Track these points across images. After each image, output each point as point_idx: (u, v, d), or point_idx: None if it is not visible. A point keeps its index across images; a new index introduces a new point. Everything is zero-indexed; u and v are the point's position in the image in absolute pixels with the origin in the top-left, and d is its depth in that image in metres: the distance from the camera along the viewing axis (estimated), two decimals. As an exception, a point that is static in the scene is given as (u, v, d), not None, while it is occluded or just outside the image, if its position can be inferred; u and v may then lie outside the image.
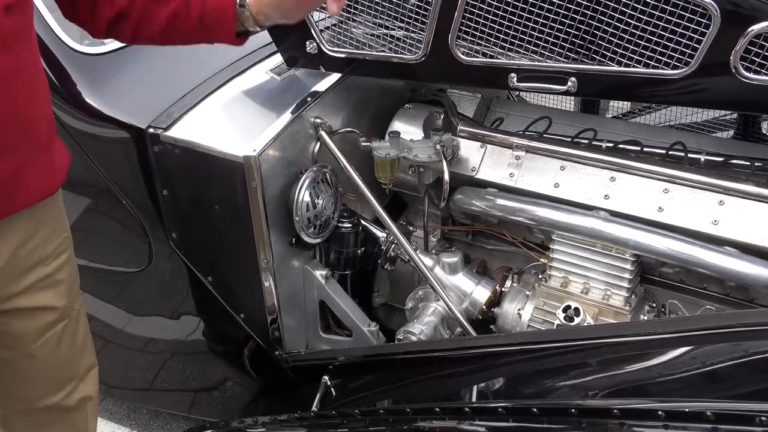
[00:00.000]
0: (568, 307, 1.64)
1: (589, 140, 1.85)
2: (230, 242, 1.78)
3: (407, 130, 1.92)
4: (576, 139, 1.88)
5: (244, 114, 1.79)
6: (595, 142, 1.85)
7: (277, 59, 1.93)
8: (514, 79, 1.60)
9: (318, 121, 1.78)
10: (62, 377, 1.44)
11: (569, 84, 1.56)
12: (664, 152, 1.80)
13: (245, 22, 1.45)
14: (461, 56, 1.62)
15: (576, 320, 1.62)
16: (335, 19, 1.78)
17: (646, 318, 1.69)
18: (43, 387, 1.42)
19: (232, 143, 1.65)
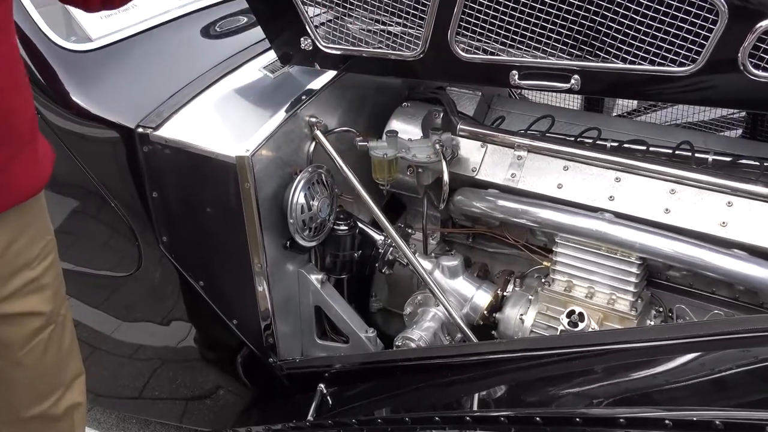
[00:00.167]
0: (572, 312, 1.65)
1: (594, 139, 1.86)
2: (222, 246, 1.78)
3: (405, 130, 1.92)
4: (580, 139, 1.88)
5: (237, 113, 1.79)
6: (600, 142, 1.86)
7: (271, 56, 1.93)
8: (516, 77, 1.61)
9: (313, 120, 1.77)
10: (49, 385, 1.44)
11: (572, 82, 1.56)
12: (671, 152, 1.81)
13: None
14: (461, 53, 1.62)
15: (580, 326, 1.62)
16: (331, 15, 1.78)
17: (653, 323, 1.70)
18: (30, 396, 1.41)
19: (225, 143, 1.65)
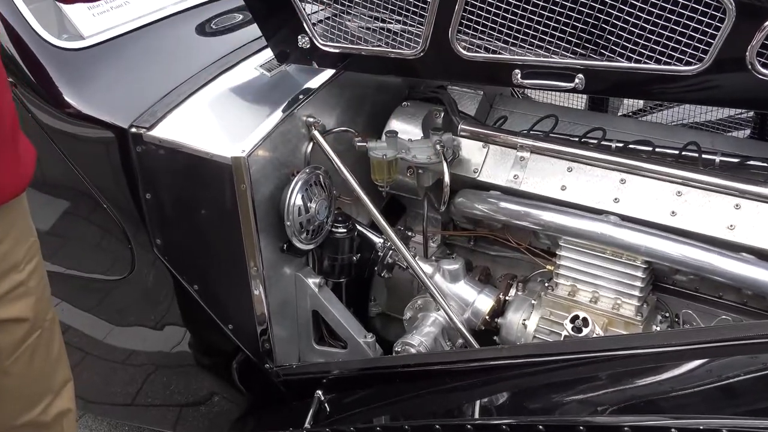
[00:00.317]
0: (576, 317, 1.65)
1: (598, 140, 1.86)
2: (218, 248, 1.78)
3: (405, 130, 1.92)
4: (584, 139, 1.88)
5: (233, 112, 1.79)
6: (605, 142, 1.86)
7: (267, 54, 1.94)
8: (519, 76, 1.61)
9: (311, 120, 1.78)
10: (37, 392, 1.44)
11: (577, 81, 1.56)
12: (677, 153, 1.81)
13: None
14: (462, 51, 1.63)
15: (584, 331, 1.62)
16: (329, 12, 1.78)
17: (659, 329, 1.70)
18: (18, 404, 1.41)
19: (220, 143, 1.65)
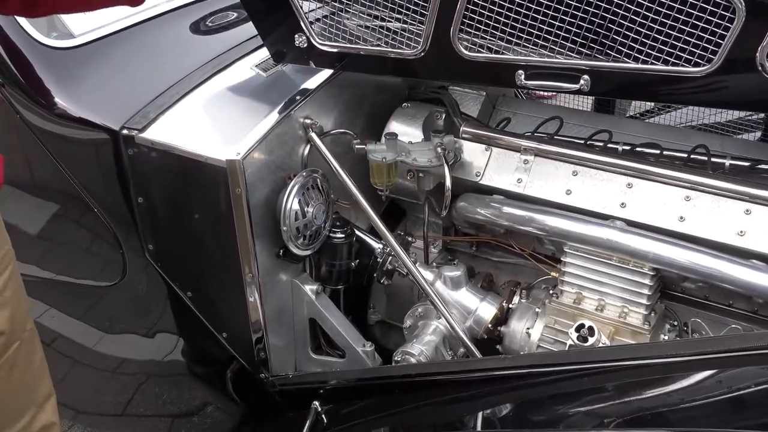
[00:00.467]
0: (582, 326, 1.64)
1: (604, 143, 1.86)
2: (212, 254, 1.78)
3: (405, 132, 1.92)
4: (590, 142, 1.88)
5: (227, 114, 1.79)
6: (611, 145, 1.85)
7: (263, 54, 1.94)
8: (522, 77, 1.61)
9: (308, 122, 1.78)
10: (20, 406, 1.43)
11: (582, 82, 1.56)
12: (686, 156, 1.81)
13: None
14: (464, 51, 1.62)
15: (590, 340, 1.62)
16: (327, 10, 1.78)
17: (667, 338, 1.70)
18: (1, 418, 1.40)
19: (214, 146, 1.65)
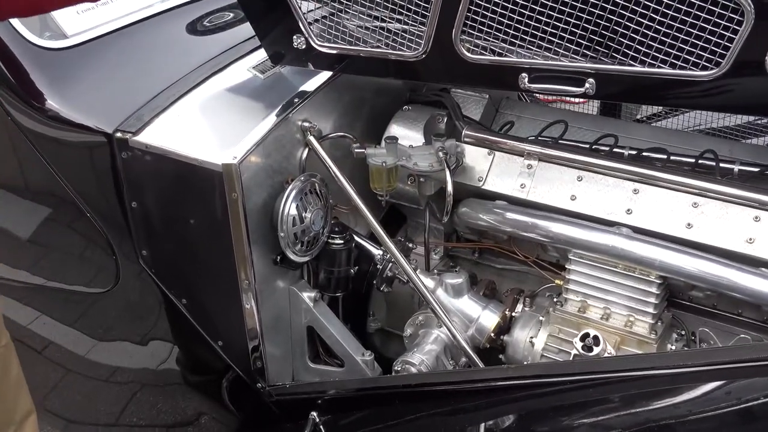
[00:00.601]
0: (587, 335, 1.64)
1: (610, 147, 1.86)
2: (207, 260, 1.78)
3: (406, 135, 1.92)
4: (595, 146, 1.88)
5: (224, 117, 1.79)
6: (617, 150, 1.86)
7: (261, 55, 1.94)
8: (526, 80, 1.61)
9: (306, 125, 1.78)
10: None
11: (587, 86, 1.56)
12: (694, 161, 1.81)
13: None
14: (466, 53, 1.63)
15: (595, 350, 1.62)
16: (326, 11, 1.78)
17: (674, 348, 1.69)
18: None
19: (210, 149, 1.65)
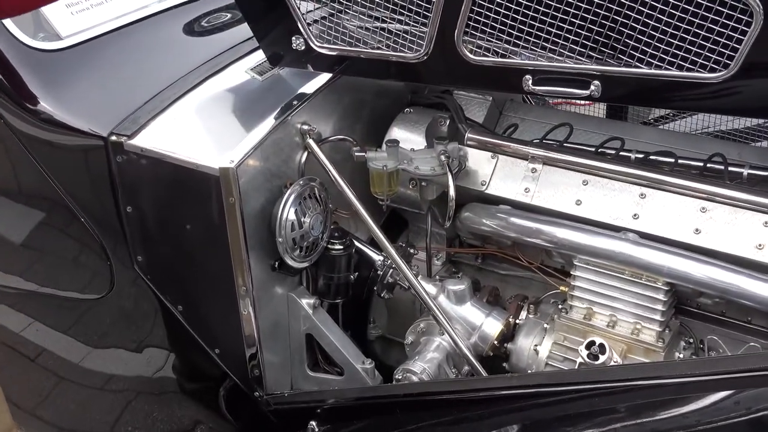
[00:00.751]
0: (592, 343, 1.64)
1: (617, 150, 1.86)
2: (204, 266, 1.78)
3: (407, 138, 1.93)
4: (601, 150, 1.89)
5: (221, 120, 1.80)
6: (623, 153, 1.86)
7: (259, 56, 1.94)
8: (530, 82, 1.61)
9: (305, 128, 1.78)
10: None
11: (592, 88, 1.56)
12: (702, 165, 1.81)
13: None
14: (469, 55, 1.63)
15: (601, 358, 1.62)
16: (326, 12, 1.78)
17: (682, 356, 1.69)
18: None
19: (207, 153, 1.66)
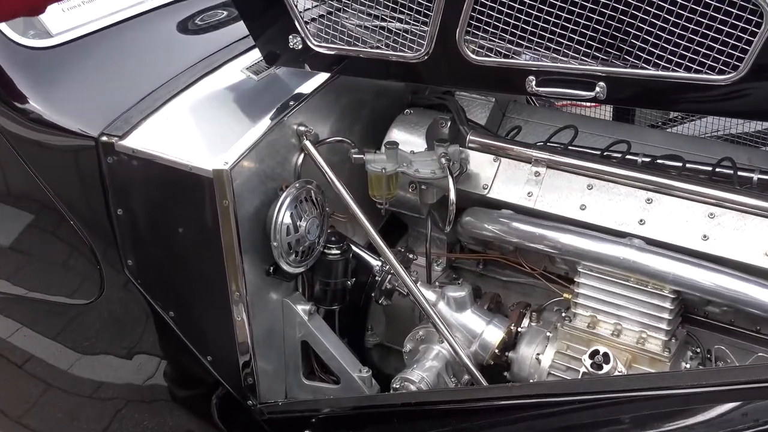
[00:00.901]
0: (596, 353, 1.64)
1: (622, 154, 1.86)
2: (196, 271, 1.78)
3: (407, 140, 1.92)
4: (606, 153, 1.89)
5: (215, 120, 1.80)
6: (629, 157, 1.86)
7: (255, 55, 1.94)
8: (533, 83, 1.61)
9: (302, 129, 1.78)
10: None
11: (597, 89, 1.56)
12: (710, 169, 1.81)
13: None
14: (471, 55, 1.63)
15: (605, 368, 1.61)
16: (324, 10, 1.78)
17: (689, 366, 1.69)
18: None
19: (200, 154, 1.66)
